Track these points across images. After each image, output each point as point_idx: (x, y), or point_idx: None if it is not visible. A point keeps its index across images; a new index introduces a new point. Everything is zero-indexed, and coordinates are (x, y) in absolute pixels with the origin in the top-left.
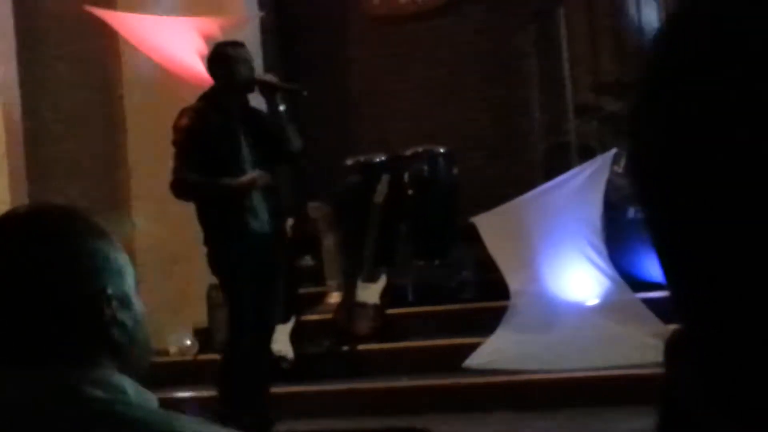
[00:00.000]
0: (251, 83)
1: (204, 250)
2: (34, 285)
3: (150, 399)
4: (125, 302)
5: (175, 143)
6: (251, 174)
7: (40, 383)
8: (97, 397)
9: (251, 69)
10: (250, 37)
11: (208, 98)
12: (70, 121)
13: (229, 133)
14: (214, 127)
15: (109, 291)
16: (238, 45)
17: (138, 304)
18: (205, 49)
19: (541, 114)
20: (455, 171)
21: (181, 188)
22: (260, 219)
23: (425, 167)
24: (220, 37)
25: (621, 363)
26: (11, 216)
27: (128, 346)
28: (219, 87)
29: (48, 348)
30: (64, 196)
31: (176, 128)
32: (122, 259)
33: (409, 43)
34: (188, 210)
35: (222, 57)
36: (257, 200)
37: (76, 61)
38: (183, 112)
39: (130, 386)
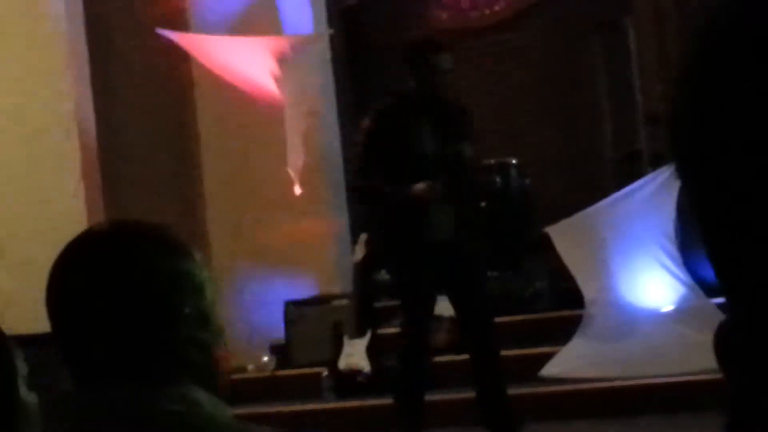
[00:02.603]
0: (442, 92)
1: (278, 268)
2: (112, 304)
3: (225, 411)
4: (203, 321)
5: (355, 144)
6: (424, 184)
7: (120, 400)
8: (174, 411)
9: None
10: (320, 55)
11: (400, 99)
12: (145, 142)
13: (413, 136)
14: (398, 129)
15: (187, 310)
16: (444, 49)
17: (217, 321)
18: (276, 68)
19: (612, 123)
20: (527, 182)
21: (354, 195)
22: (436, 229)
23: (497, 179)
24: (290, 56)
25: (698, 369)
26: (90, 234)
27: (206, 362)
28: (413, 88)
29: (127, 366)
30: (140, 217)
31: (359, 128)
32: (202, 275)
33: (477, 57)
34: (262, 229)
35: (425, 56)
36: (433, 210)
37: (149, 83)
38: (369, 111)
39: (205, 399)
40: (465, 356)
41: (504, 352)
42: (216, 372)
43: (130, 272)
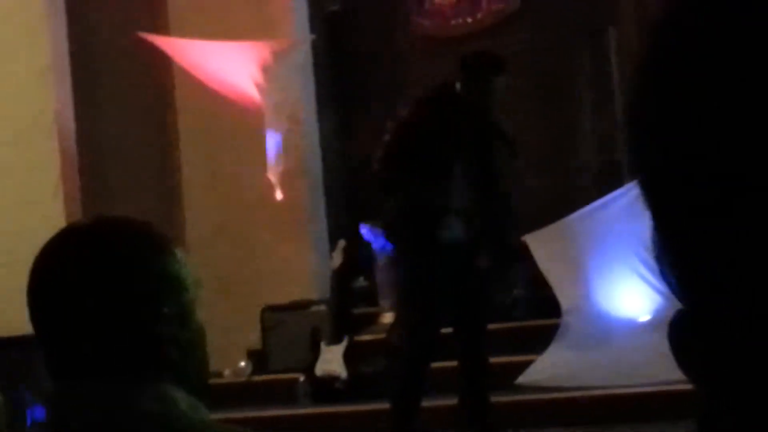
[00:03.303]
0: (487, 110)
1: (256, 273)
2: (90, 300)
3: (203, 412)
4: (183, 320)
5: (390, 132)
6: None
7: (97, 398)
8: (152, 411)
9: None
10: (302, 61)
11: (442, 98)
12: (125, 144)
13: (448, 139)
14: (435, 127)
15: (167, 309)
16: (503, 72)
17: (197, 320)
18: (257, 74)
19: (592, 132)
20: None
21: (380, 186)
22: (452, 230)
23: None
24: (272, 62)
25: (673, 378)
26: (71, 229)
27: (184, 362)
28: (462, 91)
29: (105, 363)
30: None
31: (396, 117)
32: (183, 274)
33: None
34: (241, 234)
35: (483, 74)
36: (451, 214)
37: (130, 87)
38: (411, 103)
39: (182, 400)
40: (442, 363)
41: None
42: (197, 372)
43: (110, 268)
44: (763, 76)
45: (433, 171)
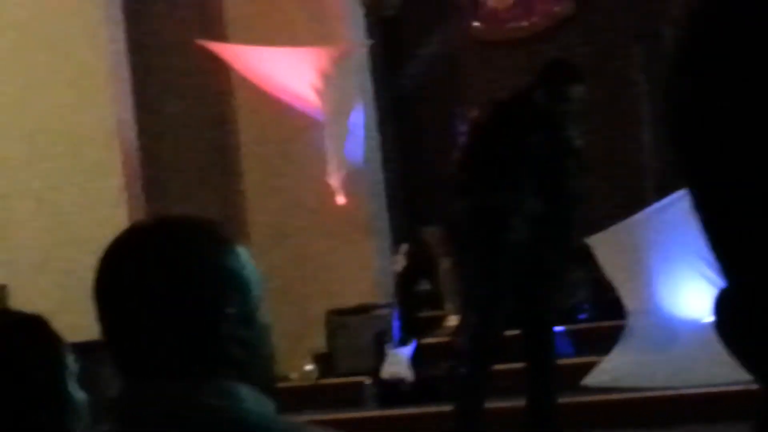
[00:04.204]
0: (561, 117)
1: (320, 277)
2: (155, 299)
3: (268, 406)
4: (247, 318)
5: (463, 135)
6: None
7: (162, 396)
8: (216, 406)
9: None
10: (359, 66)
11: (518, 103)
12: (186, 151)
13: (520, 145)
14: (508, 131)
15: (229, 309)
16: (581, 81)
17: (262, 319)
18: (315, 79)
19: (652, 133)
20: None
21: (454, 188)
22: (520, 236)
23: None
24: (330, 67)
25: (738, 379)
26: (135, 230)
27: (249, 360)
28: (539, 100)
29: (171, 362)
30: None
31: (468, 120)
32: (248, 273)
33: (516, 68)
34: (304, 238)
35: (561, 83)
36: (519, 215)
37: (190, 94)
38: (487, 107)
39: (247, 395)
40: (507, 365)
41: None
42: (263, 370)
43: (174, 267)
44: None
45: (504, 175)
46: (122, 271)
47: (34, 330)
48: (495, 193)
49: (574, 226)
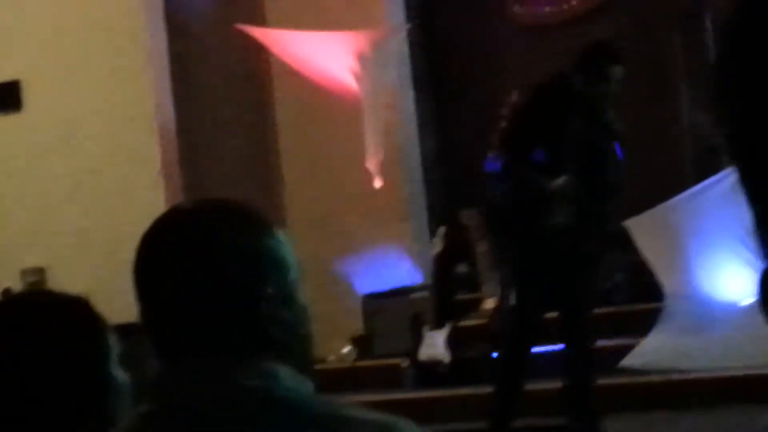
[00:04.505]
0: (601, 99)
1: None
2: (193, 282)
3: (307, 385)
4: (286, 299)
5: (505, 119)
6: (562, 181)
7: (201, 376)
8: (255, 386)
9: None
10: (398, 49)
11: (558, 86)
12: (224, 136)
13: (560, 129)
14: (549, 115)
15: (269, 290)
16: (619, 62)
17: (300, 300)
18: (354, 63)
19: (691, 117)
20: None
21: (492, 174)
22: (558, 216)
23: None
24: (368, 51)
25: None
26: (174, 212)
27: (288, 341)
28: (578, 84)
29: (210, 343)
30: None
31: (508, 103)
32: (285, 254)
33: (555, 51)
34: (341, 221)
35: (600, 64)
36: (558, 198)
37: (228, 78)
38: (527, 91)
39: (286, 375)
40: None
41: None
42: (302, 351)
43: (212, 249)
44: None
45: (546, 159)
46: (161, 253)
47: (77, 311)
48: (535, 177)
49: (612, 209)
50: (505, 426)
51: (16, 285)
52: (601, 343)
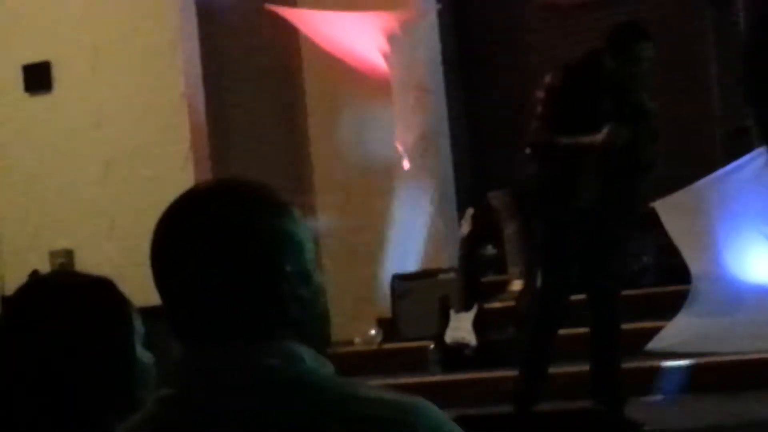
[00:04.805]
0: (632, 79)
1: (385, 241)
2: (213, 261)
3: (327, 366)
4: (304, 278)
5: (539, 101)
6: (608, 128)
7: (221, 358)
8: (276, 367)
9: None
10: (428, 30)
11: (590, 67)
12: (253, 117)
13: (594, 107)
14: (582, 95)
15: (288, 268)
16: (647, 39)
17: (317, 278)
18: (384, 44)
19: (720, 99)
20: None
21: (532, 150)
22: (586, 195)
23: None
24: (398, 32)
25: None
26: (192, 193)
27: (307, 320)
28: (609, 64)
29: (229, 324)
30: None
31: (542, 85)
32: (303, 233)
33: (586, 32)
34: (370, 203)
35: (629, 43)
36: (587, 177)
37: (258, 58)
38: (558, 71)
39: (306, 354)
40: (571, 330)
41: None
42: (319, 329)
43: (230, 229)
44: None
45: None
46: (178, 234)
47: (102, 292)
48: (566, 158)
49: (641, 189)
50: (530, 409)
51: (45, 267)
52: (627, 325)
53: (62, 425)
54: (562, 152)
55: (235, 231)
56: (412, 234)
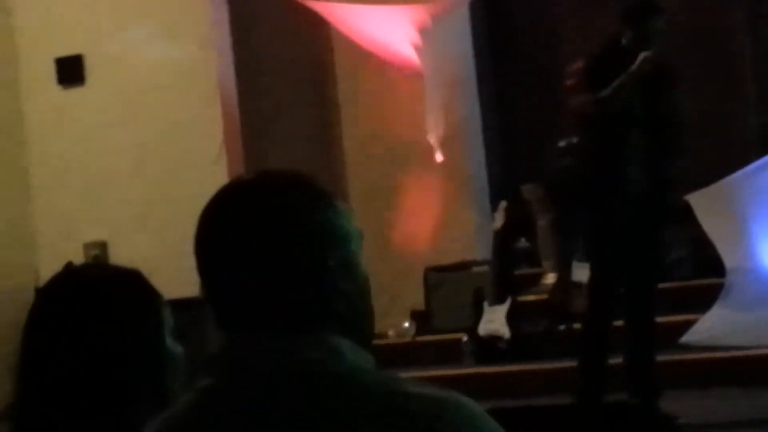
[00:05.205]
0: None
1: (418, 234)
2: (255, 253)
3: (367, 360)
4: (347, 271)
5: (570, 86)
6: (643, 55)
7: (263, 349)
8: (317, 360)
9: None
10: (460, 23)
11: (613, 49)
12: (285, 108)
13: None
14: (609, 77)
15: (331, 260)
16: (658, 12)
17: (361, 271)
18: (415, 37)
19: (756, 91)
20: None
21: (574, 116)
22: (632, 181)
23: None
24: (430, 25)
25: None
26: (235, 184)
27: (349, 313)
28: (627, 41)
29: (272, 315)
30: None
31: (572, 71)
32: (346, 225)
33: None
34: (402, 195)
35: (641, 15)
36: (631, 163)
37: (290, 50)
38: (583, 60)
39: (348, 349)
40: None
41: None
42: (362, 322)
43: (274, 220)
44: None
45: (610, 130)
46: (223, 225)
47: (132, 284)
48: (604, 147)
49: (675, 174)
50: (596, 402)
51: (79, 259)
52: (662, 318)
53: (93, 416)
54: (606, 113)
55: (279, 222)
56: (445, 226)
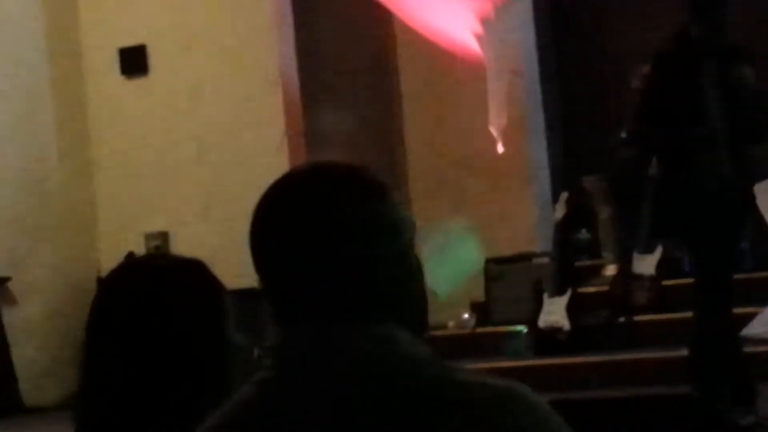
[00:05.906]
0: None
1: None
2: (309, 244)
3: (423, 351)
4: (401, 261)
5: (634, 90)
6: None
7: (319, 341)
8: (373, 351)
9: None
10: (522, 14)
11: (681, 45)
12: (347, 99)
13: (694, 86)
14: (679, 76)
15: (385, 251)
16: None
17: (415, 261)
18: (478, 27)
19: None
20: None
21: (633, 140)
22: (707, 177)
23: None
24: (493, 15)
25: None
26: (290, 176)
27: (403, 303)
28: (697, 34)
29: (327, 306)
30: None
31: (638, 73)
32: (399, 215)
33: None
34: (463, 186)
35: (712, 4)
36: (706, 158)
37: (352, 41)
38: (653, 60)
39: (404, 339)
40: (665, 315)
41: None
42: (417, 313)
43: (327, 211)
44: None
45: (683, 122)
46: (276, 217)
47: (194, 274)
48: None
49: (756, 159)
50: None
51: (140, 249)
52: None
53: (156, 408)
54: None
55: (333, 214)
56: (506, 217)
